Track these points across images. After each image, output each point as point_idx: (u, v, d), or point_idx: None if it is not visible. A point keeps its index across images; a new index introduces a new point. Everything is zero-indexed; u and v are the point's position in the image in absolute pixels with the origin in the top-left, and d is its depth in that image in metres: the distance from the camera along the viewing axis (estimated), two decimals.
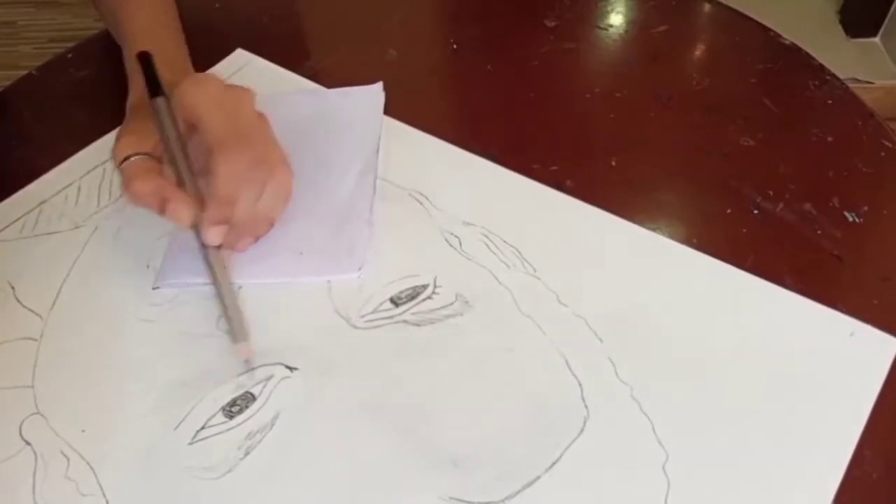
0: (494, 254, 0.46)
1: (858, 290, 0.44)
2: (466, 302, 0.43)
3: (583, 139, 0.54)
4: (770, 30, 0.62)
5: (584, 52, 0.62)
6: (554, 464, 0.37)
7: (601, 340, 0.41)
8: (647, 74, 0.59)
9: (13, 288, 0.45)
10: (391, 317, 0.43)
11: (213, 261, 0.42)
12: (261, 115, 0.44)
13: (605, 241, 0.46)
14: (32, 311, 0.44)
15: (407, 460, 0.37)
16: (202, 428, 0.38)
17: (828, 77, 0.58)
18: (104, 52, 0.59)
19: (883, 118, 0.54)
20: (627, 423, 0.38)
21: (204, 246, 0.42)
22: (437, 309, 0.43)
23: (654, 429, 0.38)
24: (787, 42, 0.61)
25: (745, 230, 0.47)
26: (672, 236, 0.47)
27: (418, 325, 0.42)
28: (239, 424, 0.38)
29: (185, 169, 0.43)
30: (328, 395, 0.39)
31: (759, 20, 0.63)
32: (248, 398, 0.39)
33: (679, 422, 0.38)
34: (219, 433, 0.38)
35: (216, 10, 0.66)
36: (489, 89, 0.57)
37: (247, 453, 0.37)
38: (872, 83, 1.49)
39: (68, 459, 0.37)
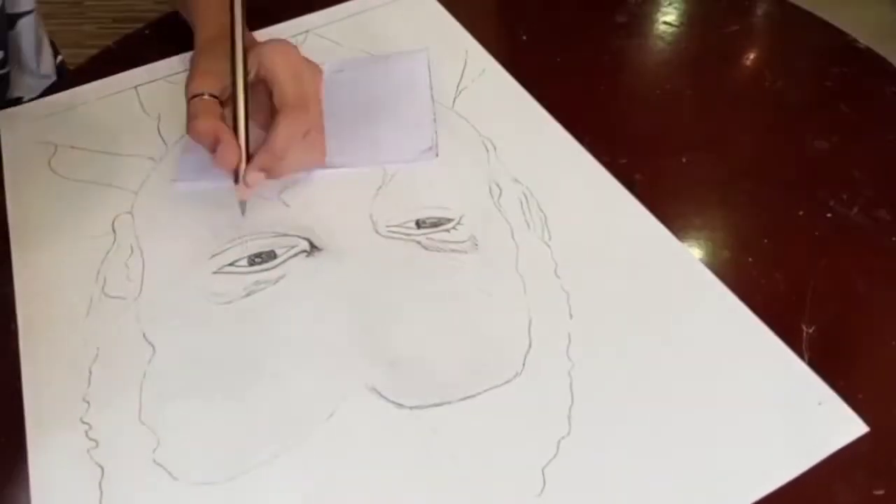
0: (524, 213, 0.49)
1: None
2: (476, 245, 0.47)
3: (653, 135, 0.54)
4: (845, 33, 0.60)
5: (655, 49, 0.61)
6: (467, 398, 0.40)
7: (571, 316, 0.43)
8: (718, 73, 0.59)
9: (159, 118, 0.57)
10: (409, 234, 0.48)
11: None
12: (318, 92, 0.52)
13: (630, 239, 0.47)
14: (163, 140, 0.55)
15: (355, 348, 0.43)
16: (229, 265, 0.47)
17: None
18: (177, 31, 0.60)
19: None
20: (550, 393, 0.40)
21: (236, 181, 0.48)
22: (449, 242, 0.47)
23: (571, 406, 0.40)
24: (861, 46, 0.59)
25: (817, 233, 0.48)
26: (742, 235, 0.48)
27: (427, 248, 0.47)
28: (253, 272, 0.46)
29: (243, 115, 0.48)
30: (327, 278, 0.46)
31: None
32: (271, 255, 0.47)
33: (598, 409, 0.40)
34: (236, 273, 0.47)
35: None
36: (558, 81, 0.58)
37: (247, 295, 0.46)
38: None
39: (132, 251, 0.48)
